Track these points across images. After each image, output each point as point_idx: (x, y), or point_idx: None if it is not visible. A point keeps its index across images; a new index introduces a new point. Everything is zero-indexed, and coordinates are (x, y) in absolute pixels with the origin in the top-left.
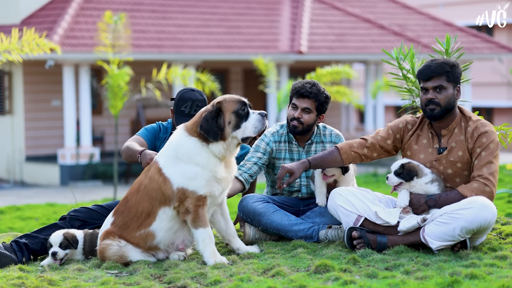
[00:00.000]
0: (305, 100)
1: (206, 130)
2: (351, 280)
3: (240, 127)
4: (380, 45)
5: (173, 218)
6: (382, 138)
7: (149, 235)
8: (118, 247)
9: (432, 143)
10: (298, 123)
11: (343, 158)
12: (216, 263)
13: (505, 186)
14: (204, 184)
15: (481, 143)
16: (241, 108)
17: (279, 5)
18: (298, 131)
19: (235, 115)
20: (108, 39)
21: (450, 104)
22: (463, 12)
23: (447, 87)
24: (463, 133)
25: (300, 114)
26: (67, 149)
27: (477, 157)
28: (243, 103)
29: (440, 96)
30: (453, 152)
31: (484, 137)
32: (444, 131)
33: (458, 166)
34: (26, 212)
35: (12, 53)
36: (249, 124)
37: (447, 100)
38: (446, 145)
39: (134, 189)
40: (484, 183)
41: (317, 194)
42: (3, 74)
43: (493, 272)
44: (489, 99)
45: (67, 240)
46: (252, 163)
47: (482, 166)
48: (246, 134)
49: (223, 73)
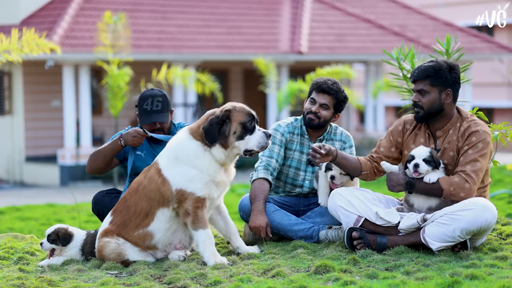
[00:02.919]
0: (324, 96)
1: (207, 132)
2: (351, 281)
3: (244, 139)
4: (380, 45)
5: (171, 219)
6: (385, 148)
7: (147, 235)
8: (116, 244)
9: (428, 143)
10: (315, 117)
11: (362, 170)
12: (216, 263)
13: (505, 186)
14: (203, 187)
15: (470, 142)
16: (249, 121)
17: (279, 5)
18: (313, 124)
19: (242, 127)
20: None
21: (433, 108)
22: (463, 12)
23: (430, 91)
24: (456, 133)
25: (318, 109)
26: (67, 149)
27: (463, 154)
28: (252, 116)
29: (423, 99)
30: (445, 153)
31: (474, 136)
32: (439, 132)
33: (449, 168)
34: (25, 213)
35: (12, 53)
36: (253, 138)
37: (429, 104)
38: (441, 147)
39: (133, 189)
40: (465, 179)
41: (319, 194)
42: (3, 74)
43: (494, 272)
44: (489, 99)
45: (56, 235)
46: (275, 160)
47: (466, 163)
48: (249, 147)
49: (223, 73)
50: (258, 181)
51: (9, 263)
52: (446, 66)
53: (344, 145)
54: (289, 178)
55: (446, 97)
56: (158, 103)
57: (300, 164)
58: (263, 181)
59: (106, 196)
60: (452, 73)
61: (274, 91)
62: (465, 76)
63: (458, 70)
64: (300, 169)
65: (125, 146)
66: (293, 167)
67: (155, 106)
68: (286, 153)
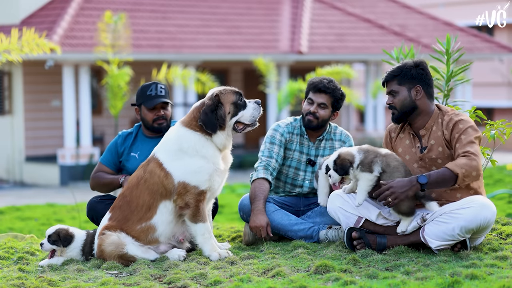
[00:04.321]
0: (321, 95)
1: (206, 123)
2: (351, 281)
3: (238, 115)
4: (380, 45)
5: (174, 211)
6: None
7: (150, 228)
8: (117, 237)
9: (414, 143)
10: (314, 117)
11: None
12: (220, 256)
13: (505, 186)
14: (207, 179)
15: (458, 129)
16: (239, 99)
17: (279, 5)
18: (313, 126)
19: (234, 106)
20: (108, 39)
21: (405, 107)
22: (463, 12)
23: (399, 90)
24: (440, 128)
25: (316, 109)
26: (67, 149)
27: (457, 141)
28: (239, 94)
29: (395, 100)
30: (433, 149)
31: (460, 124)
32: (423, 131)
33: (439, 162)
34: (25, 213)
35: (12, 53)
36: (247, 112)
37: (400, 104)
38: (427, 144)
39: (133, 184)
40: (470, 157)
41: (319, 194)
42: (3, 74)
43: (494, 272)
44: (489, 99)
45: (58, 236)
46: (275, 160)
47: (465, 145)
48: (242, 120)
49: (223, 73)
50: (258, 181)
51: (9, 263)
52: (410, 63)
53: (344, 145)
54: (289, 178)
55: (417, 94)
56: (161, 89)
57: (300, 164)
58: (263, 181)
59: (100, 203)
60: (418, 69)
61: (274, 91)
62: (465, 76)
63: (424, 66)
64: (300, 169)
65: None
66: (292, 167)
67: (159, 92)
68: (286, 153)
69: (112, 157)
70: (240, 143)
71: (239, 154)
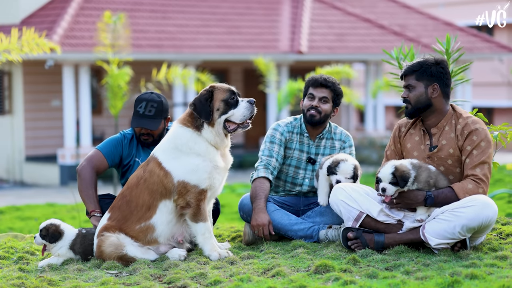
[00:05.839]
0: (322, 89)
1: (199, 111)
2: (351, 280)
3: (228, 113)
4: (380, 45)
5: (174, 211)
6: (392, 158)
7: (149, 228)
8: (116, 238)
9: (424, 140)
10: (316, 111)
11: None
12: (220, 256)
13: (505, 186)
14: (206, 177)
15: (472, 141)
16: (230, 97)
17: (279, 5)
18: (315, 120)
19: (224, 103)
20: (108, 39)
21: (420, 103)
22: (463, 12)
23: (416, 85)
24: (453, 130)
25: (318, 103)
26: (67, 149)
27: (468, 156)
28: (232, 92)
29: (410, 94)
30: (443, 149)
31: (475, 134)
32: (434, 129)
33: (448, 163)
34: (25, 212)
35: (12, 53)
36: (238, 112)
37: (416, 99)
38: (437, 143)
39: (133, 184)
40: (477, 184)
41: (319, 193)
42: (3, 74)
43: (494, 272)
44: (489, 99)
45: (47, 231)
46: (275, 160)
47: (475, 166)
48: (232, 119)
49: (223, 73)
50: (259, 180)
51: (9, 262)
52: (431, 60)
53: (344, 145)
54: (289, 177)
55: (433, 92)
56: (152, 108)
57: (300, 163)
58: (263, 180)
59: (100, 202)
60: (438, 67)
61: (274, 90)
62: (465, 76)
63: (444, 65)
64: (300, 168)
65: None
66: (292, 166)
67: (147, 111)
68: (286, 152)
69: (114, 150)
70: (240, 143)
71: (239, 154)
